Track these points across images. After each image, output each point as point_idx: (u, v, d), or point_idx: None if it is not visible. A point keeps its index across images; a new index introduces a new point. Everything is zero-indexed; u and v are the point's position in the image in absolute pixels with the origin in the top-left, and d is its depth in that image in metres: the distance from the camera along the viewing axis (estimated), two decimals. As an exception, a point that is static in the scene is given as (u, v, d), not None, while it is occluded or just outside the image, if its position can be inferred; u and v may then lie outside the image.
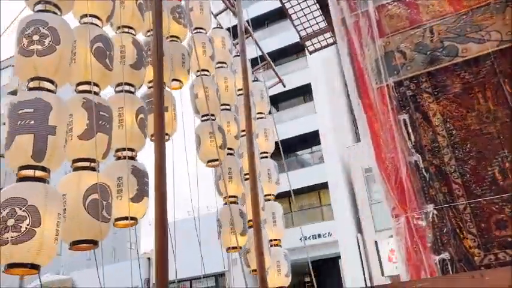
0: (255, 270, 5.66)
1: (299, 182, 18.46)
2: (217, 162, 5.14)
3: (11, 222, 2.60)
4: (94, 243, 3.17)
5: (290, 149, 20.18)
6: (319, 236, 17.92)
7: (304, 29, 6.79)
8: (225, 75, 5.95)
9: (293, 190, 19.22)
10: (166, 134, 4.43)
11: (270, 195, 6.12)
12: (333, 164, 18.66)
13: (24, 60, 3.07)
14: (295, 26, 6.78)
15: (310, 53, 7.07)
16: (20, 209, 2.63)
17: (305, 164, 20.28)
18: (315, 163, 19.74)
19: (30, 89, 3.08)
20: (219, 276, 19.50)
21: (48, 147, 2.89)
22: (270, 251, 5.66)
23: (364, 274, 17.22)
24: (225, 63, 6.12)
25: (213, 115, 5.39)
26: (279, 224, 5.95)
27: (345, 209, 18.05)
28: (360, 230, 17.81)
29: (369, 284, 16.97)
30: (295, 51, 21.04)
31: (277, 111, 21.89)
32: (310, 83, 20.18)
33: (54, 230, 2.75)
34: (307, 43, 7.01)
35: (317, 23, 6.64)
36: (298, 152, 20.80)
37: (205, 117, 5.34)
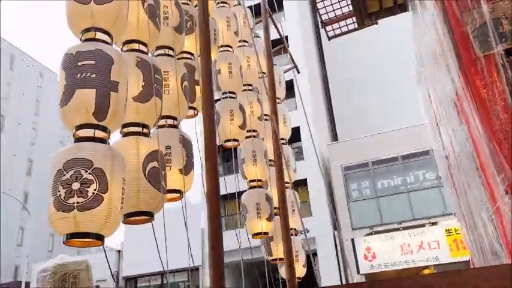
0: (276, 260, 5.45)
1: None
2: (236, 143, 4.87)
3: (76, 185, 2.25)
4: (150, 216, 2.85)
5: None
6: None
7: (327, 13, 6.60)
8: (247, 54, 5.68)
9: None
10: (193, 108, 4.14)
11: (288, 183, 5.90)
12: (313, 161, 18.64)
13: (79, 7, 2.70)
14: (317, 10, 6.57)
15: (329, 38, 6.90)
16: (86, 171, 2.28)
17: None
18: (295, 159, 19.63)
19: (86, 40, 2.71)
20: (192, 271, 19.08)
21: (111, 105, 2.54)
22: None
23: (339, 271, 17.31)
24: (246, 41, 5.84)
25: (234, 93, 5.13)
26: (297, 213, 5.74)
27: (323, 206, 18.06)
28: (336, 227, 17.88)
29: (344, 282, 17.07)
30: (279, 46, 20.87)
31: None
32: (292, 79, 20.08)
33: (120, 198, 2.42)
34: (328, 28, 6.83)
35: (340, 8, 6.48)
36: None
37: (225, 95, 5.04)
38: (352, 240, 17.26)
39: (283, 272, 5.78)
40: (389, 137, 17.80)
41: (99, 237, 2.31)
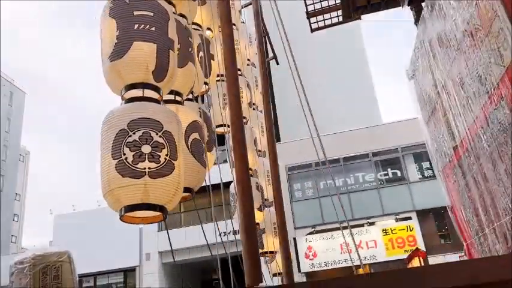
0: (267, 253, 5.27)
1: (224, 176, 18.10)
2: (228, 129, 4.63)
3: (146, 149, 1.92)
4: (190, 192, 2.55)
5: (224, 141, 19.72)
6: (238, 232, 17.68)
7: (314, 3, 6.52)
8: (235, 37, 5.43)
9: (214, 184, 18.91)
10: (206, 84, 3.87)
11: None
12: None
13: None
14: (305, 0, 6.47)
15: (312, 31, 6.84)
16: (156, 134, 1.96)
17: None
18: (238, 159, 19.48)
19: (134, -10, 2.36)
20: (128, 272, 18.17)
21: (170, 65, 2.23)
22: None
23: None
24: (235, 25, 5.60)
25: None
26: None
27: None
28: (279, 227, 18.02)
29: (285, 281, 17.22)
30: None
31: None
32: (238, 78, 19.92)
33: (184, 167, 2.12)
34: (312, 19, 6.76)
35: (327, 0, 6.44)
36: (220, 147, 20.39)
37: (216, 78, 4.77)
38: (294, 239, 17.48)
39: (272, 267, 5.61)
40: (332, 139, 18.31)
41: (163, 212, 2.00)
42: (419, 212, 16.90)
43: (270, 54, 9.38)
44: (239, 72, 5.43)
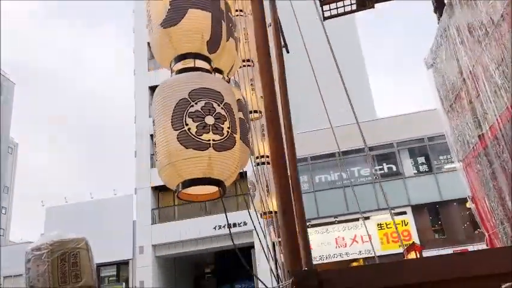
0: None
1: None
2: (257, 115, 4.53)
3: (210, 120, 1.81)
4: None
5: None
6: (234, 225, 17.61)
7: (327, -10, 6.41)
8: (244, 25, 5.29)
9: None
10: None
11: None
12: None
13: None
14: (318, -15, 6.36)
15: (325, 18, 6.73)
16: (218, 105, 1.85)
17: (222, 152, 19.78)
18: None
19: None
20: (121, 265, 17.97)
21: (222, 36, 2.12)
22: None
23: (276, 264, 17.37)
24: (242, 10, 5.43)
25: (250, 61, 4.77)
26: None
27: (262, 199, 18.04)
28: (274, 221, 17.97)
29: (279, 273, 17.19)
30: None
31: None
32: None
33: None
34: (325, 7, 6.64)
35: (342, -14, 6.32)
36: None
37: (244, 63, 4.66)
38: (289, 233, 17.46)
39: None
40: (329, 133, 18.29)
41: (223, 188, 1.89)
42: (414, 207, 17.01)
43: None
44: (249, 64, 5.31)
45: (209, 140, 1.78)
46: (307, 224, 17.75)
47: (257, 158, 4.80)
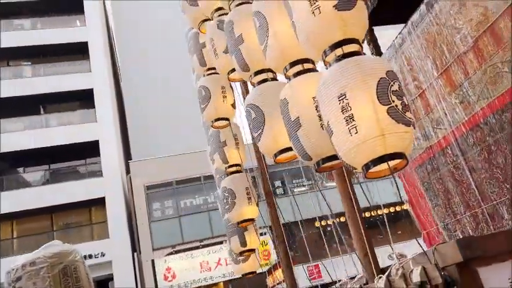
0: (246, 251, 5.15)
1: (69, 196, 16.41)
2: (225, 122, 4.54)
3: (405, 100, 1.94)
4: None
5: (59, 158, 17.71)
6: (90, 256, 16.05)
7: None
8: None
9: (59, 205, 16.97)
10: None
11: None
12: (113, 178, 17.45)
13: None
14: None
15: None
16: (399, 87, 2.00)
17: (77, 176, 18.03)
18: (90, 176, 17.85)
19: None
20: None
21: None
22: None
23: (138, 295, 16.39)
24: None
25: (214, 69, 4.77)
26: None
27: (122, 226, 17.00)
28: (135, 249, 17.04)
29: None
30: (78, 51, 19.06)
31: (44, 113, 18.98)
32: (92, 89, 18.49)
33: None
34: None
35: None
36: (69, 163, 18.34)
37: (211, 71, 4.61)
38: (153, 261, 16.77)
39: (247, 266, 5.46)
40: (193, 157, 18.37)
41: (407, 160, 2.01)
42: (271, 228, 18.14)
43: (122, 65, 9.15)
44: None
45: (411, 118, 1.92)
46: (171, 250, 17.30)
47: (230, 166, 4.76)
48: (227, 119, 4.55)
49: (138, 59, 23.08)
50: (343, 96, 1.94)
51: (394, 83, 1.95)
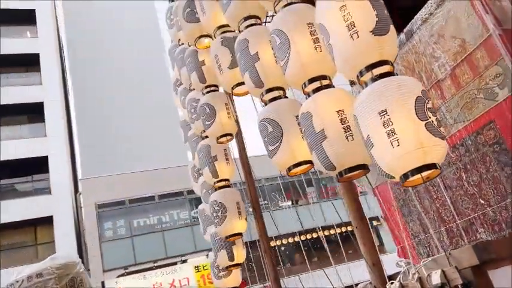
0: (233, 266, 5.17)
1: (12, 214, 15.53)
2: (229, 138, 4.63)
3: (435, 117, 2.18)
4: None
5: (4, 174, 16.71)
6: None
7: None
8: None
9: (2, 224, 16.05)
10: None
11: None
12: (62, 196, 16.71)
13: None
14: None
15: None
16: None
17: (21, 194, 17.05)
18: (37, 194, 16.96)
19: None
20: None
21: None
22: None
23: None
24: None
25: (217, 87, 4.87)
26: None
27: (71, 247, 16.22)
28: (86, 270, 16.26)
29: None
30: (28, 63, 18.30)
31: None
32: (42, 102, 17.77)
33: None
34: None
35: None
36: (15, 179, 17.32)
37: (213, 88, 4.70)
38: (103, 283, 16.07)
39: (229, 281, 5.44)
40: (147, 175, 18.03)
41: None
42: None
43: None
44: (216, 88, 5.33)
45: (443, 132, 2.16)
46: (123, 271, 16.73)
47: (220, 181, 4.82)
48: (231, 135, 4.62)
49: (90, 71, 22.52)
50: (385, 113, 2.14)
51: (428, 101, 2.18)
